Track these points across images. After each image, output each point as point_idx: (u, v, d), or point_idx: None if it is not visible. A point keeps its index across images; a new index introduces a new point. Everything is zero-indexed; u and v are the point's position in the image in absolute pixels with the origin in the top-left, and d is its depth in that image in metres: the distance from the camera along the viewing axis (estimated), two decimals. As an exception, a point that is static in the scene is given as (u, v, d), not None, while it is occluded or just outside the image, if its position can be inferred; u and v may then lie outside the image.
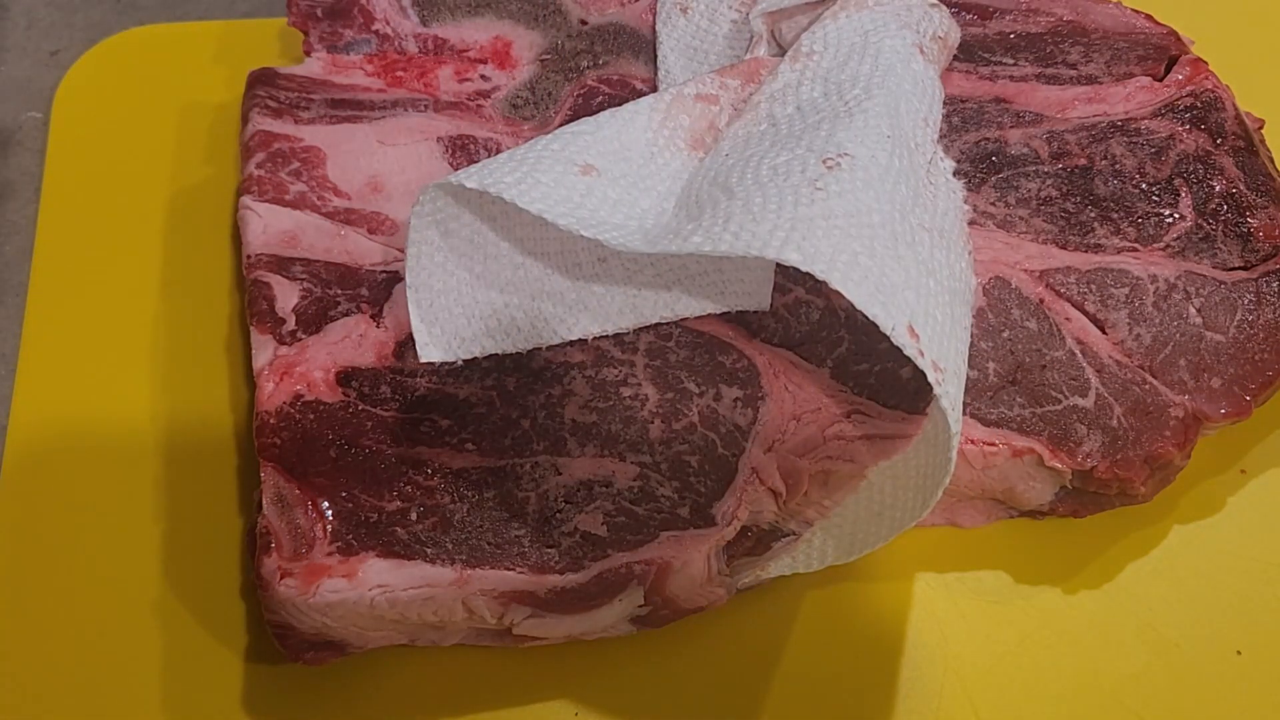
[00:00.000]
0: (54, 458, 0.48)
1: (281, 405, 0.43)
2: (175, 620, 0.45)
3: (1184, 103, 0.52)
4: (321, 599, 0.38)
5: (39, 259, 0.53)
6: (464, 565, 0.39)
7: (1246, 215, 0.51)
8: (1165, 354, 0.47)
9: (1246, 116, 0.53)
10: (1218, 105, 0.52)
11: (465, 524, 0.41)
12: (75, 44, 0.61)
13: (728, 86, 0.47)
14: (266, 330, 0.45)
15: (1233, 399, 0.46)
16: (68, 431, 0.49)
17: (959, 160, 0.52)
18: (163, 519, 0.47)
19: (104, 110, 0.57)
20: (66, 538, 0.46)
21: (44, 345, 0.51)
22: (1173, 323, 0.47)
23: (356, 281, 0.47)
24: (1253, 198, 0.51)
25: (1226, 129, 0.52)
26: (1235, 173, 0.51)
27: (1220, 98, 0.52)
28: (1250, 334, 0.48)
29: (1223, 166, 0.51)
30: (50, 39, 0.61)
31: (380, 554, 0.39)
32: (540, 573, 0.40)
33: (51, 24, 0.62)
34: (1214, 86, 0.53)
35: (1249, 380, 0.47)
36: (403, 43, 0.54)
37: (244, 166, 0.50)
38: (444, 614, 0.39)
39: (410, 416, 0.43)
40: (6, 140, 0.58)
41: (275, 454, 0.42)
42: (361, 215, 0.49)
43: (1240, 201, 0.51)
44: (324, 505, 0.40)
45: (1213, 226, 0.50)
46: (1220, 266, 0.49)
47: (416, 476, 0.42)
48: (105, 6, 0.63)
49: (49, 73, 0.60)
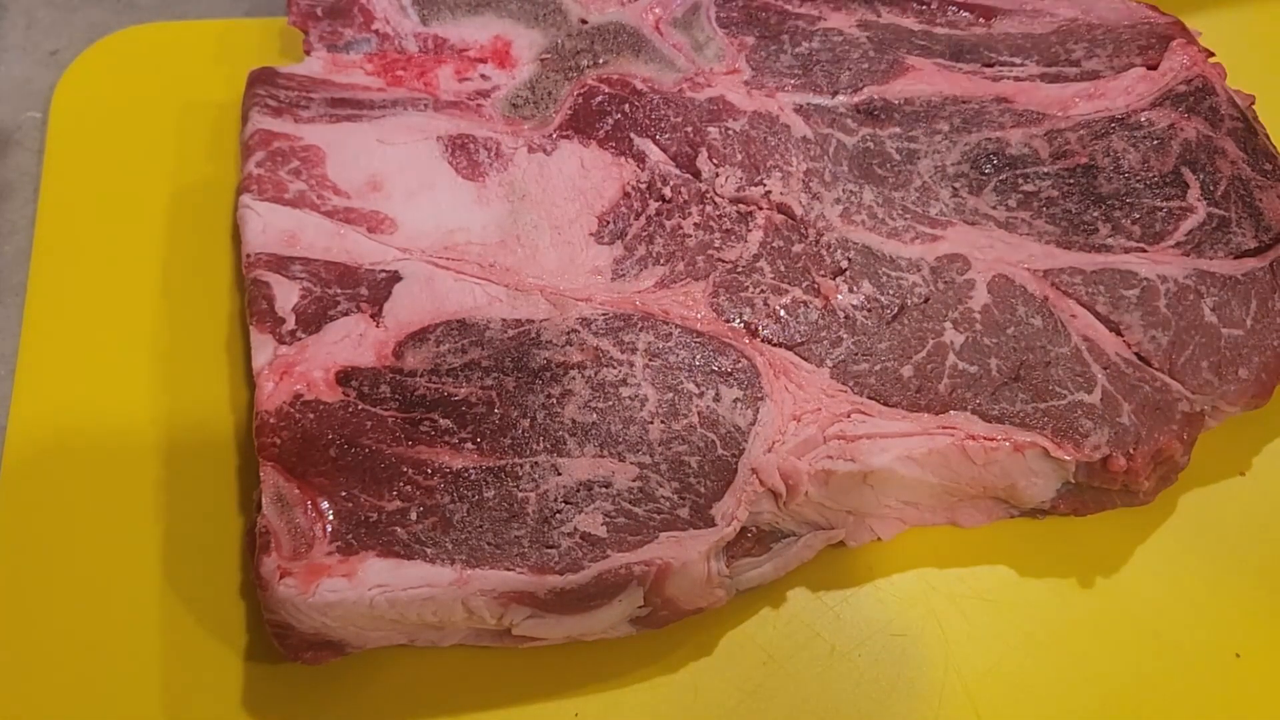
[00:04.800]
0: (53, 458, 0.48)
1: (281, 405, 0.43)
2: (175, 620, 0.44)
3: (1179, 90, 0.52)
4: (321, 598, 0.38)
5: (37, 259, 0.53)
6: (464, 565, 0.39)
7: (1256, 195, 0.50)
8: (1186, 356, 0.47)
9: (1236, 94, 0.53)
10: (1209, 89, 0.52)
11: (465, 524, 0.41)
12: (75, 44, 0.61)
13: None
14: (266, 330, 0.45)
15: (1260, 385, 0.46)
16: (67, 432, 0.49)
17: (959, 162, 0.52)
18: (162, 519, 0.47)
19: (103, 109, 0.57)
20: (66, 537, 0.46)
21: (43, 346, 0.51)
22: (1189, 324, 0.47)
23: (356, 281, 0.47)
24: (1259, 178, 0.51)
25: (1222, 111, 0.52)
26: (1238, 154, 0.51)
27: (1211, 82, 0.52)
28: (1267, 323, 0.48)
29: (1225, 149, 0.51)
30: (50, 39, 0.61)
31: (380, 553, 0.39)
32: (540, 573, 0.39)
33: (51, 24, 0.62)
34: (1203, 70, 0.52)
35: (1273, 367, 0.47)
36: (402, 42, 0.54)
37: (244, 165, 0.50)
38: (443, 614, 0.39)
39: (410, 416, 0.43)
40: (6, 140, 0.58)
41: (275, 453, 0.42)
42: (361, 214, 0.49)
43: (1248, 182, 0.50)
44: (324, 505, 0.40)
45: (1225, 211, 0.50)
46: (1234, 252, 0.49)
47: (416, 476, 0.41)
48: (105, 6, 0.63)
49: (48, 72, 0.60)
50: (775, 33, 0.54)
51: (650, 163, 0.50)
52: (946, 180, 0.51)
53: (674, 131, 0.51)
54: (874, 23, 0.54)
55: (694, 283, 0.47)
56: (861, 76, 0.53)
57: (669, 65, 0.53)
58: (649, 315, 0.46)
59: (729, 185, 0.50)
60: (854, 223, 0.49)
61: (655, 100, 0.51)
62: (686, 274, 0.47)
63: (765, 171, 0.50)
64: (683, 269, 0.47)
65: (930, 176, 0.51)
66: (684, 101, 0.51)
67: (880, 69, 0.53)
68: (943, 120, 0.52)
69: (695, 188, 0.50)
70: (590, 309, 0.46)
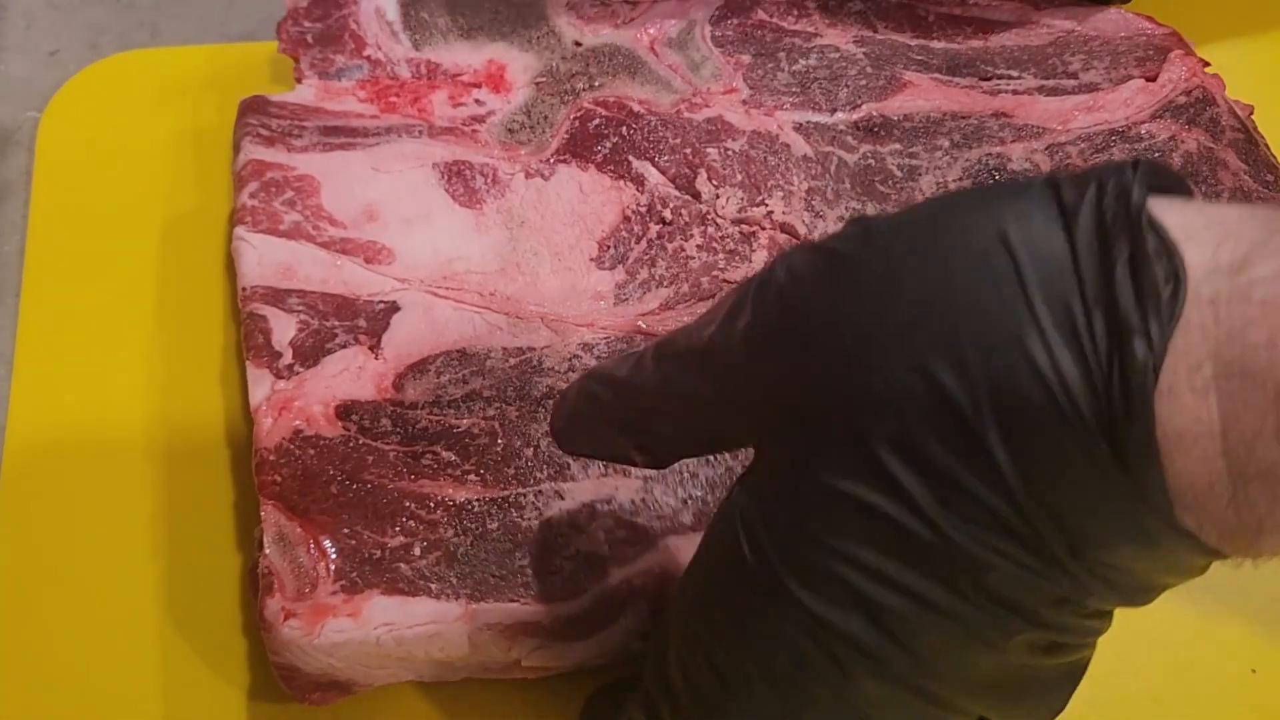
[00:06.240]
0: (45, 486, 0.47)
1: (280, 441, 0.42)
2: (176, 658, 0.43)
3: (1179, 101, 0.52)
4: (326, 639, 0.38)
5: (28, 287, 0.52)
6: (469, 600, 0.39)
7: (1258, 207, 0.50)
8: None
9: (1236, 105, 0.52)
10: (1209, 100, 0.52)
11: (469, 557, 0.40)
12: (75, 44, 0.61)
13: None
14: (263, 365, 0.44)
15: None
16: (61, 453, 0.47)
17: (960, 178, 0.51)
18: (161, 555, 0.46)
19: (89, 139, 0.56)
20: (61, 571, 0.45)
21: (37, 367, 0.50)
22: None
23: (354, 313, 0.46)
24: (1261, 189, 0.50)
25: (1223, 123, 0.52)
26: (1240, 165, 0.51)
27: (1211, 93, 0.52)
28: None
29: (1227, 161, 0.51)
30: (50, 39, 0.61)
31: (385, 591, 0.39)
32: (545, 602, 0.39)
33: (51, 24, 0.62)
34: (1202, 81, 0.52)
35: None
36: (395, 68, 0.53)
37: (237, 196, 0.49)
38: (451, 650, 0.39)
39: (412, 450, 0.42)
40: (5, 140, 0.57)
41: (275, 491, 0.41)
42: (358, 245, 0.48)
43: (1250, 194, 0.50)
44: (326, 543, 0.39)
45: None
46: None
47: (420, 511, 0.41)
48: (105, 6, 0.62)
49: (48, 73, 0.60)
50: (771, 50, 0.53)
51: (650, 185, 0.49)
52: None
53: (672, 154, 0.50)
54: (870, 38, 0.54)
55: (699, 303, 0.46)
56: (860, 93, 0.53)
57: (665, 86, 0.53)
58: (652, 337, 0.45)
59: (730, 206, 0.49)
60: (857, 241, 0.49)
61: (653, 122, 0.51)
62: (691, 294, 0.47)
63: (766, 191, 0.50)
64: (687, 290, 0.47)
65: (933, 193, 0.51)
66: (682, 123, 0.51)
67: (878, 85, 0.53)
68: (943, 136, 0.52)
69: (696, 209, 0.49)
70: (592, 334, 0.45)
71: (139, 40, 0.60)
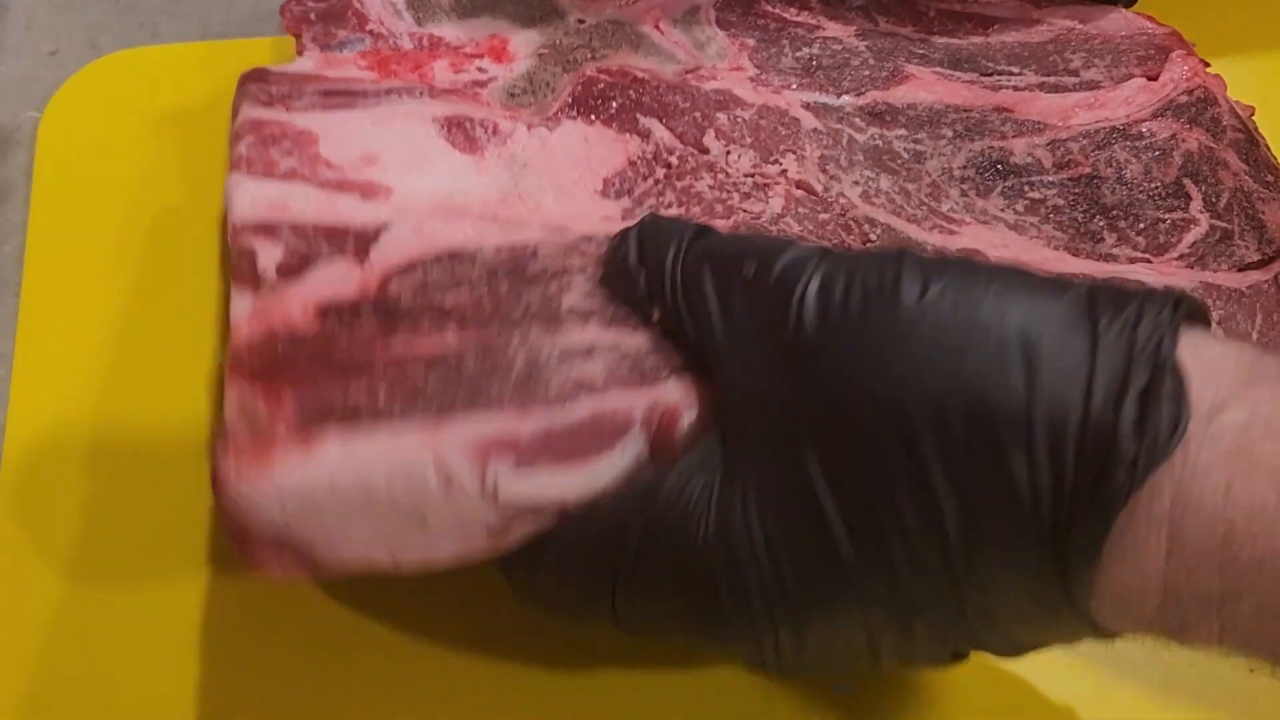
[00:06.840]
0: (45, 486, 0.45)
1: (254, 339, 0.39)
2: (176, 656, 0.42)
3: (1180, 100, 0.53)
4: (277, 482, 0.33)
5: (28, 287, 0.50)
6: (435, 420, 0.34)
7: (1258, 208, 0.50)
8: None
9: (1237, 105, 0.53)
10: (1211, 100, 0.52)
11: (438, 393, 0.36)
12: (75, 44, 0.61)
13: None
14: (246, 286, 0.41)
15: None
16: (61, 453, 0.46)
17: (965, 166, 0.51)
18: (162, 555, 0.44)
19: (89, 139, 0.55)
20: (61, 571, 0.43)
21: (37, 367, 0.49)
22: None
23: (344, 236, 0.43)
24: (1261, 189, 0.50)
25: (1224, 123, 0.52)
26: (1240, 166, 0.51)
27: (1212, 92, 0.53)
28: (1273, 336, 0.46)
29: (1228, 161, 0.51)
30: (50, 39, 0.61)
31: (341, 426, 0.35)
32: (523, 407, 0.34)
33: (51, 24, 0.61)
34: (1204, 81, 0.53)
35: None
36: (397, 41, 0.53)
37: (232, 149, 0.47)
38: (416, 486, 0.34)
39: (390, 323, 0.38)
40: (6, 140, 0.56)
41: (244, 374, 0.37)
42: (355, 184, 0.46)
43: (1250, 195, 0.50)
44: (286, 396, 0.35)
45: (1228, 224, 0.49)
46: (1238, 265, 0.48)
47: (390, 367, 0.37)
48: (105, 6, 0.62)
49: (48, 73, 0.59)
50: (775, 38, 0.54)
51: (656, 138, 0.48)
52: (954, 181, 0.50)
53: (680, 115, 0.49)
54: (872, 31, 0.55)
55: (715, 221, 0.44)
56: (864, 82, 0.53)
57: (670, 59, 0.52)
58: None
59: (743, 162, 0.48)
60: (875, 204, 0.48)
61: (660, 86, 0.50)
62: (704, 216, 0.44)
63: (779, 154, 0.48)
64: (699, 213, 0.44)
65: (939, 176, 0.50)
66: (689, 89, 0.50)
67: (881, 75, 0.53)
68: (946, 127, 0.52)
69: (705, 159, 0.48)
70: (594, 228, 0.42)
71: (139, 40, 0.60)
